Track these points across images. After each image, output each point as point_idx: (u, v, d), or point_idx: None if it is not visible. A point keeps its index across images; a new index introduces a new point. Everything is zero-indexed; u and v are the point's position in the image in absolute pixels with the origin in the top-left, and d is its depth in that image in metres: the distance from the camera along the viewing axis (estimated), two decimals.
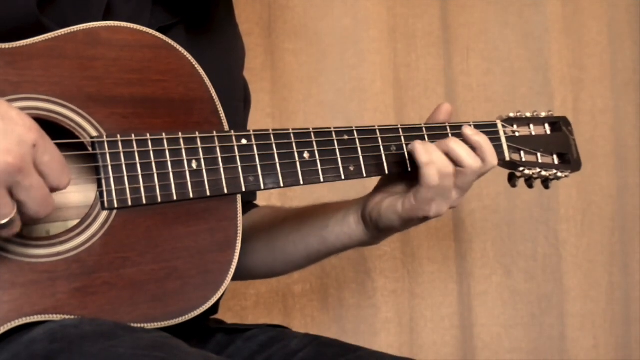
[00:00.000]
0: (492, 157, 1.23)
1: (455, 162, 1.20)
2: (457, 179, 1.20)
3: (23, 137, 0.86)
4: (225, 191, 1.07)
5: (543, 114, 1.38)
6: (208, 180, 1.06)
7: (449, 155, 1.20)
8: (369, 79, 1.96)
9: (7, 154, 0.84)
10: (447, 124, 1.27)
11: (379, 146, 1.21)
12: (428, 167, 1.18)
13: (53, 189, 0.90)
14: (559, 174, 1.36)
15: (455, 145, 1.20)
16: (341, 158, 1.17)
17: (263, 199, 1.49)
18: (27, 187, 0.86)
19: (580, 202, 2.16)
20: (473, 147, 1.22)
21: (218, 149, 1.07)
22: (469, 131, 1.23)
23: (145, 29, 1.07)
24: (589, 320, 2.15)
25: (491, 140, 1.27)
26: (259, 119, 1.87)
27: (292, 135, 1.14)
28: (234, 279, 1.10)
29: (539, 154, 1.35)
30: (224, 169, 1.07)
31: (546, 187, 1.37)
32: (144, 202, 1.01)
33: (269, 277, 1.53)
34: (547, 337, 2.12)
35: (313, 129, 1.16)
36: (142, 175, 1.01)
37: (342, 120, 1.94)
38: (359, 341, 1.58)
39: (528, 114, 1.36)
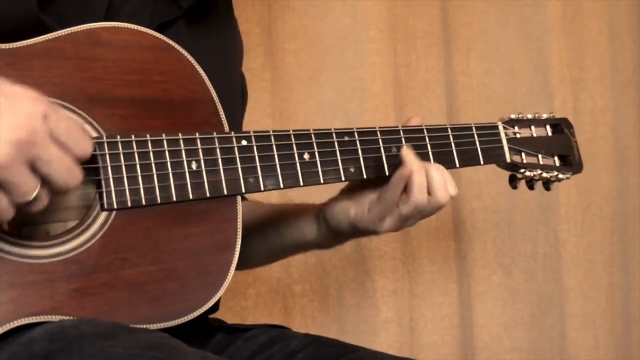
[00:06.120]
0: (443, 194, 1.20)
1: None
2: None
3: (31, 110, 0.85)
4: (225, 192, 1.07)
5: (545, 116, 1.38)
6: (208, 182, 1.06)
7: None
8: (369, 79, 1.96)
9: (18, 129, 0.83)
10: (448, 126, 1.27)
11: (380, 147, 1.21)
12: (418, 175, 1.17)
13: (78, 157, 0.89)
14: (560, 176, 1.36)
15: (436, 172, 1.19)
16: (341, 159, 1.17)
17: (263, 199, 1.48)
18: (47, 159, 0.85)
19: (580, 202, 2.16)
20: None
21: (218, 150, 1.07)
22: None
23: (146, 29, 1.07)
24: (589, 320, 2.15)
25: (492, 141, 1.28)
26: (259, 119, 1.87)
27: (292, 136, 1.14)
28: None
29: (540, 156, 1.35)
30: (224, 170, 1.07)
31: (547, 188, 1.37)
32: (144, 203, 1.01)
33: None
34: (547, 337, 2.11)
35: (313, 130, 1.16)
36: (142, 176, 1.01)
37: (342, 120, 1.94)
38: (359, 341, 1.59)
39: (529, 116, 1.36)
